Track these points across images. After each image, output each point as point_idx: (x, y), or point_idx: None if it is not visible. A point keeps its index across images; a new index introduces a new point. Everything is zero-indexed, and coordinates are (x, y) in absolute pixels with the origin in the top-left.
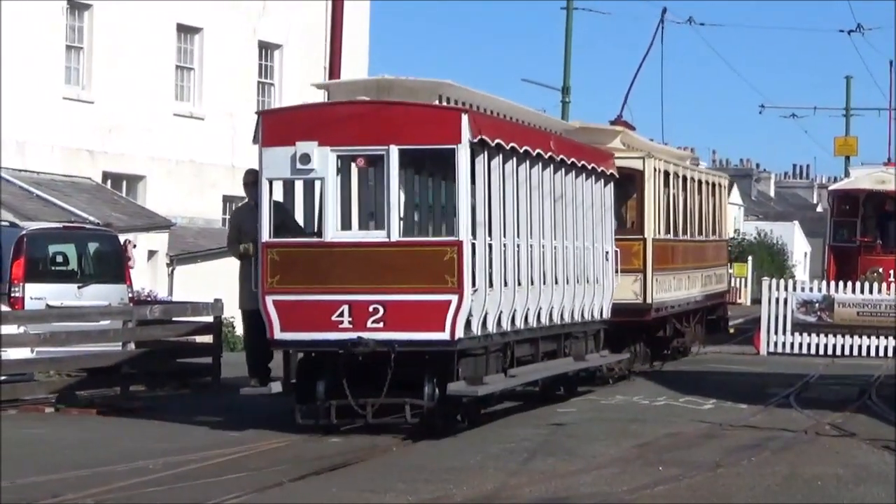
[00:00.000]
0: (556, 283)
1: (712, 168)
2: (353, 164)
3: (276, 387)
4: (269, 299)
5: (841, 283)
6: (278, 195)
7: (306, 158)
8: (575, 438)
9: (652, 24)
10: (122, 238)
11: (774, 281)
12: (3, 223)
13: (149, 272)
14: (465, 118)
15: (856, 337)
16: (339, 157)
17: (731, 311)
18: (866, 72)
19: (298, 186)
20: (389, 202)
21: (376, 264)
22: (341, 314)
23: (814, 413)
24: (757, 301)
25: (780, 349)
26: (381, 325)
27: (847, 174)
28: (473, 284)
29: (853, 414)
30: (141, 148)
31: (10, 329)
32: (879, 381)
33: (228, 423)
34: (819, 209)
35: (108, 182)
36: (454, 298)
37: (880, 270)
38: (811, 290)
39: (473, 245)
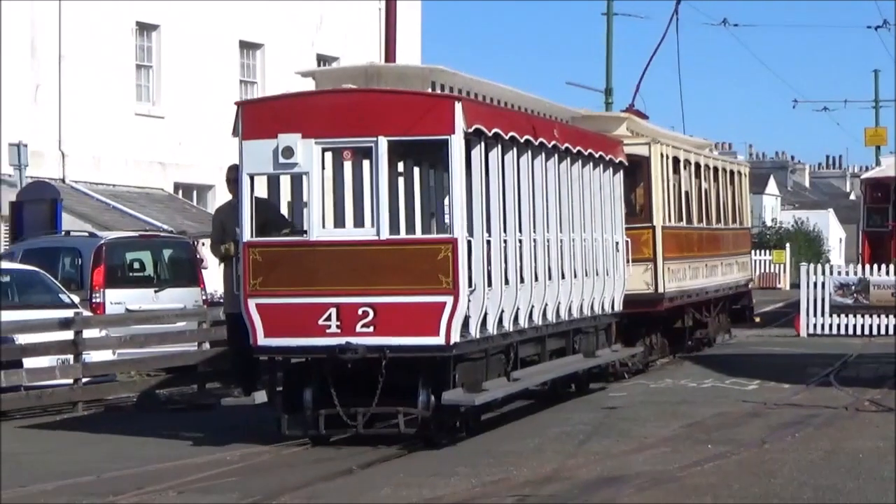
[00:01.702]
0: (563, 277)
1: (749, 161)
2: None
3: (261, 397)
4: (252, 303)
5: (875, 266)
6: (262, 190)
7: (289, 152)
8: (627, 421)
9: (687, 25)
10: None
11: (812, 266)
12: (83, 234)
13: (220, 275)
14: (458, 106)
15: (891, 317)
16: (324, 149)
17: (772, 296)
18: (893, 65)
19: (285, 180)
20: (379, 197)
21: (365, 264)
22: (328, 318)
23: (853, 390)
24: (795, 286)
25: (819, 331)
26: (370, 329)
27: (878, 163)
28: (470, 284)
29: (890, 390)
30: (209, 159)
31: (92, 333)
32: None
33: None
34: (852, 197)
35: (179, 192)
36: (449, 300)
37: None
38: (847, 273)
39: (470, 242)
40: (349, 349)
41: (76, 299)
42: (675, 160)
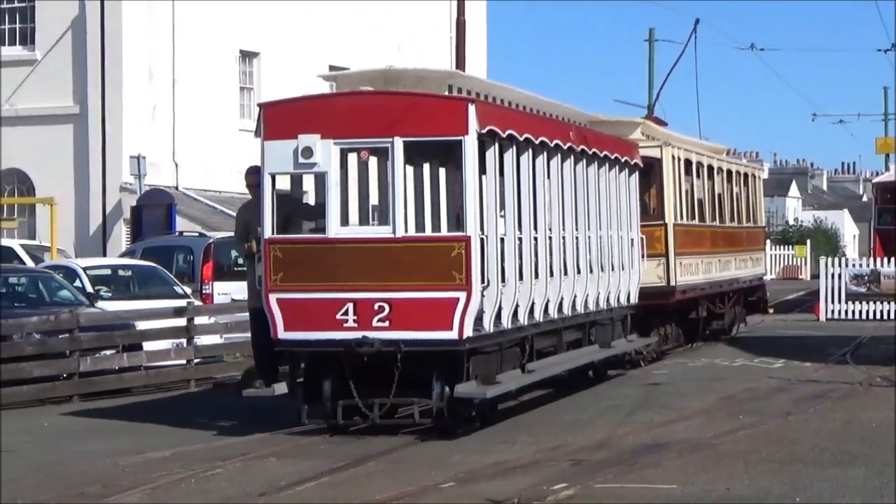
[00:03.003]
0: (579, 272)
1: (774, 167)
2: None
3: (281, 388)
4: (273, 297)
5: (886, 259)
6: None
7: (308, 152)
8: (668, 395)
9: (720, 48)
10: None
11: (830, 259)
12: (194, 234)
13: None
14: (472, 108)
15: None
16: (342, 150)
17: (794, 285)
18: None
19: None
20: (395, 196)
21: (381, 261)
22: (346, 313)
23: (867, 368)
24: (815, 276)
25: (836, 316)
26: (386, 323)
27: (887, 169)
28: (484, 280)
29: None
30: None
31: (202, 320)
32: None
33: None
34: (864, 199)
35: None
36: (462, 296)
37: None
38: (861, 265)
39: (484, 240)
40: (366, 343)
41: (188, 291)
42: (688, 162)
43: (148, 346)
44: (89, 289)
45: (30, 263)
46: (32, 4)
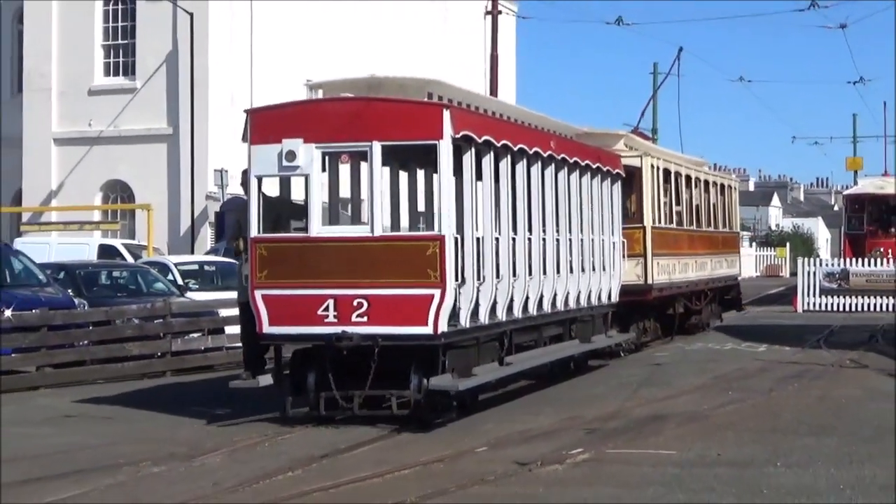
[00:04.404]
0: (559, 272)
1: (758, 181)
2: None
3: (266, 380)
4: (258, 294)
5: (854, 260)
6: (275, 190)
7: (292, 155)
8: (669, 374)
9: (714, 80)
10: None
11: (806, 259)
12: None
13: None
14: (447, 113)
15: (866, 297)
16: (323, 153)
17: (776, 282)
18: (868, 110)
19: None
20: (373, 197)
21: (360, 259)
22: (326, 308)
23: (837, 352)
24: (794, 274)
25: (811, 308)
26: (364, 319)
27: (856, 183)
28: (459, 278)
29: (865, 352)
30: None
31: None
32: (883, 328)
33: None
34: (836, 208)
35: None
36: (437, 293)
37: (882, 250)
38: (833, 265)
39: (459, 239)
40: (345, 337)
41: None
42: (667, 171)
43: (229, 329)
44: (180, 281)
45: (130, 260)
46: (133, 42)
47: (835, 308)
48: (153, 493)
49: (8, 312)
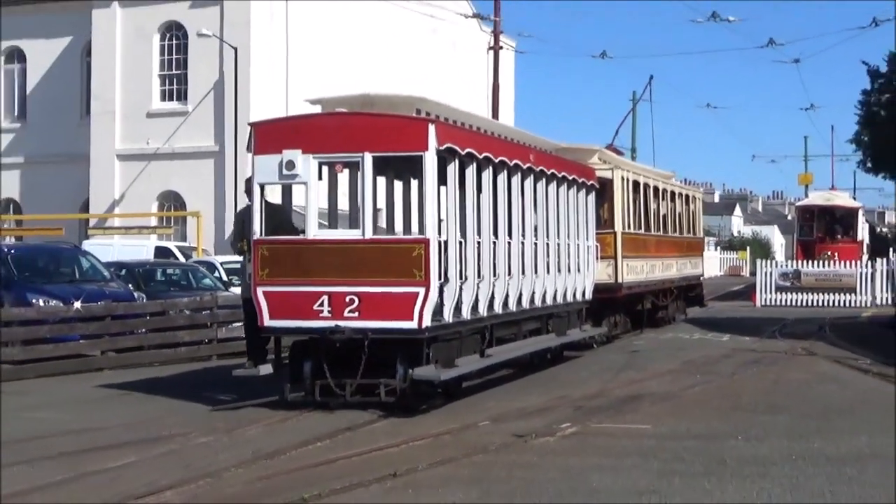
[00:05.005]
0: (537, 272)
1: (722, 194)
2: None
3: (266, 369)
4: (260, 290)
5: (806, 262)
6: (278, 197)
7: (291, 165)
8: (645, 360)
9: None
10: None
11: (764, 261)
12: None
13: None
14: (431, 127)
15: (815, 294)
16: (320, 163)
17: (737, 280)
18: (817, 132)
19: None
20: (364, 204)
21: (352, 259)
22: (321, 304)
23: (790, 341)
24: (753, 274)
25: (768, 303)
26: (356, 314)
27: (807, 195)
28: (443, 277)
29: (815, 342)
30: None
31: None
32: (829, 321)
33: None
34: (790, 218)
35: None
36: (421, 291)
37: (829, 254)
38: (786, 266)
39: (443, 243)
40: (338, 331)
41: None
42: (636, 183)
43: None
44: (224, 278)
45: (182, 259)
46: (185, 72)
47: (788, 303)
48: (202, 459)
49: (77, 304)
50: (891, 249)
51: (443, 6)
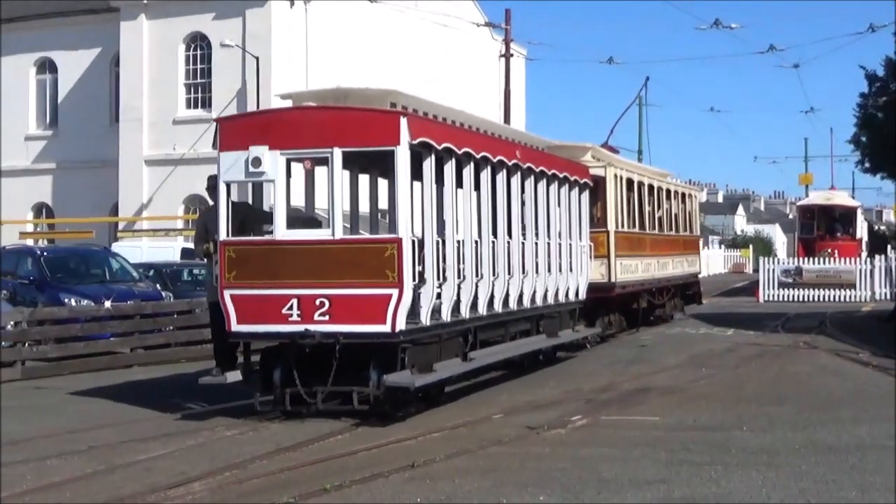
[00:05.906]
0: (525, 272)
1: (726, 194)
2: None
3: (234, 376)
4: (227, 293)
5: (806, 259)
6: (246, 196)
7: (258, 162)
8: (652, 354)
9: (689, 109)
10: None
11: (766, 258)
12: None
13: None
14: (403, 121)
15: (816, 290)
16: (288, 159)
17: (741, 277)
18: (817, 134)
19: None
20: (333, 202)
21: (322, 261)
22: (290, 307)
23: (793, 335)
24: (756, 270)
25: (770, 299)
26: (326, 318)
27: (807, 195)
28: (418, 279)
29: (816, 335)
30: None
31: None
32: (830, 315)
33: None
34: (791, 217)
35: None
36: (395, 292)
37: (829, 251)
38: (788, 263)
39: (418, 241)
40: (307, 335)
41: None
42: (630, 181)
43: None
44: None
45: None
46: (209, 80)
47: (790, 299)
48: (228, 451)
49: (108, 303)
50: (889, 246)
51: (456, 15)
